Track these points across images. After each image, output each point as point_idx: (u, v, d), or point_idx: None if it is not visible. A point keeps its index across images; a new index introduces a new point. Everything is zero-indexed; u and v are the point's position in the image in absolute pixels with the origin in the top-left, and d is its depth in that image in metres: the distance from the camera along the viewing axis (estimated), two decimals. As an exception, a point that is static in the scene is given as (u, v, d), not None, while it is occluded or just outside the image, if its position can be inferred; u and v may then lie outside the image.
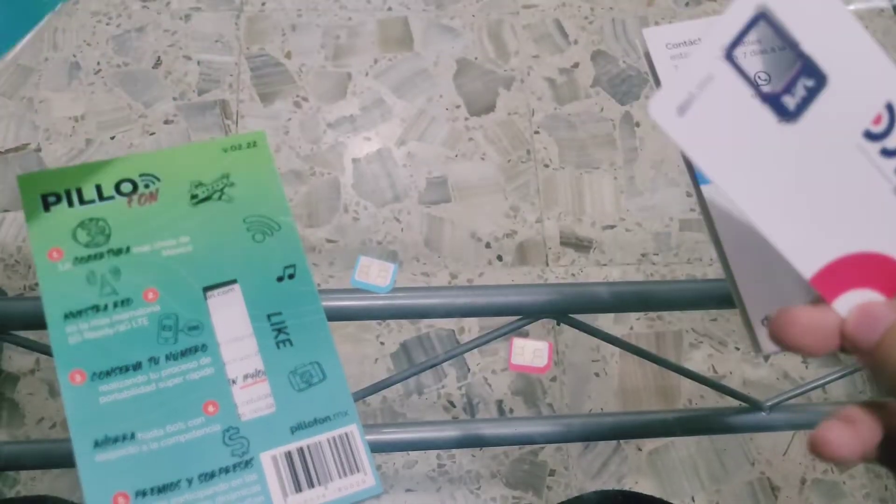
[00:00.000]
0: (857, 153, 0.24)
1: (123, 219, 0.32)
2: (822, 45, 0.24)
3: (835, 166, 0.24)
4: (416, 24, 1.33)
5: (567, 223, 1.22)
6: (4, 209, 1.14)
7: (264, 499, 0.28)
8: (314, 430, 0.30)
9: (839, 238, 0.24)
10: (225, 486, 0.28)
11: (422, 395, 1.10)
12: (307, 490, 0.29)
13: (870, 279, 0.24)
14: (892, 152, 0.24)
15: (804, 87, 0.24)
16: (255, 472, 0.29)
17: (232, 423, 0.29)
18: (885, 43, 1.40)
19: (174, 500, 0.28)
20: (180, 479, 0.28)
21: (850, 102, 0.24)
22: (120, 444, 0.28)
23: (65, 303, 0.30)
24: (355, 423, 0.30)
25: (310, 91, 1.26)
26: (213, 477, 0.28)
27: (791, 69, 0.24)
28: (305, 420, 0.30)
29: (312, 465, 0.29)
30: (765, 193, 0.24)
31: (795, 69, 0.24)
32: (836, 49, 0.24)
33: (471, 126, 1.27)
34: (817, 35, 0.24)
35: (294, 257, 0.33)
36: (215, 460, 0.29)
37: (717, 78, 0.24)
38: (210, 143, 0.35)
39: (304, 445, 0.30)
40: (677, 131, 0.23)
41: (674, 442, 1.11)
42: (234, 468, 0.29)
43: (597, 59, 1.34)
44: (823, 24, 0.24)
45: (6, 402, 1.05)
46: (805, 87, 0.24)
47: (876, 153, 0.24)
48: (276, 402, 0.30)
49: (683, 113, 0.23)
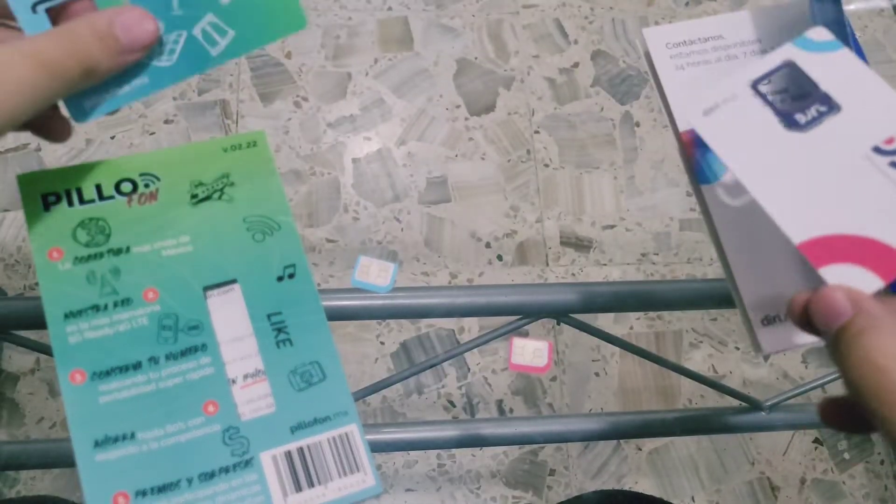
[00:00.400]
0: (865, 161, 0.29)
1: (123, 218, 0.32)
2: (838, 88, 0.30)
3: (839, 168, 0.29)
4: (416, 24, 1.33)
5: (567, 223, 1.22)
6: (4, 209, 1.14)
7: (264, 498, 0.28)
8: (314, 429, 0.30)
9: (837, 219, 0.28)
10: (225, 485, 0.28)
11: (422, 395, 1.10)
12: (307, 490, 0.29)
13: (866, 260, 0.27)
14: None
15: (816, 110, 0.30)
16: (255, 472, 0.29)
17: (232, 423, 0.29)
18: (884, 42, 1.40)
19: (174, 500, 0.28)
20: (180, 479, 0.28)
21: (859, 126, 0.29)
22: (120, 444, 0.28)
23: (65, 302, 0.30)
24: (355, 423, 0.30)
25: (310, 91, 1.26)
26: (213, 477, 0.28)
27: (807, 99, 0.30)
28: (305, 420, 0.30)
29: (312, 464, 0.29)
30: (765, 175, 0.29)
31: (811, 99, 0.30)
32: (851, 90, 0.30)
33: (471, 126, 1.27)
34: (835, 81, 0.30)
35: (294, 257, 0.33)
36: (215, 460, 0.29)
37: (740, 97, 0.31)
38: (210, 142, 0.35)
39: (303, 445, 0.30)
40: (703, 128, 0.30)
41: (674, 442, 1.12)
42: (234, 468, 0.29)
43: (597, 58, 1.34)
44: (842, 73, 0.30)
45: (6, 401, 1.05)
46: (817, 110, 0.30)
47: (885, 164, 0.28)
48: (276, 402, 0.30)
49: (708, 114, 0.31)
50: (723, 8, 1.41)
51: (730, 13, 0.42)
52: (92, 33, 0.28)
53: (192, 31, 0.30)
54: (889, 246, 0.27)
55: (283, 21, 0.30)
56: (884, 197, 0.28)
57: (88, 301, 0.31)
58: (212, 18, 0.30)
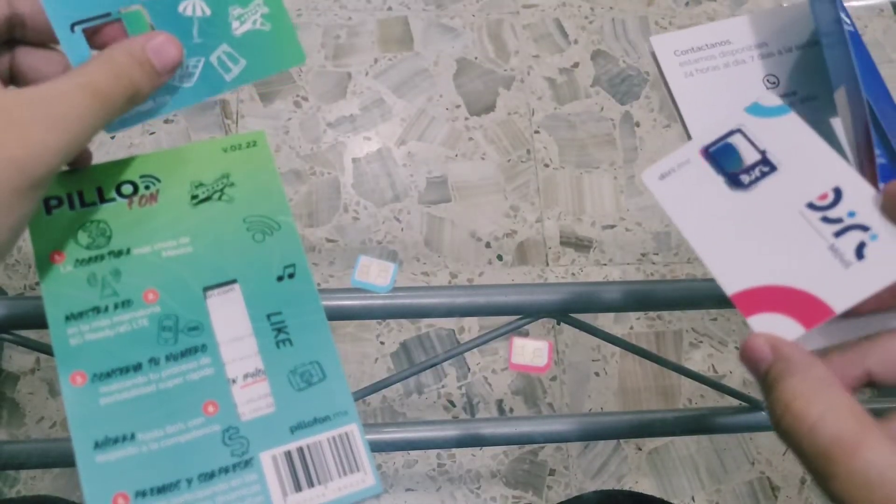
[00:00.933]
0: (799, 217, 0.31)
1: (124, 220, 0.32)
2: (782, 149, 0.33)
3: (775, 224, 0.32)
4: (416, 24, 1.33)
5: (567, 223, 1.22)
6: (4, 209, 1.14)
7: (264, 498, 0.28)
8: (314, 429, 0.30)
9: (767, 271, 0.30)
10: (225, 485, 0.28)
11: (422, 395, 1.11)
12: (307, 489, 0.29)
13: (791, 309, 0.29)
14: (832, 220, 0.31)
15: (759, 170, 0.33)
16: (254, 472, 0.29)
17: (232, 423, 0.29)
18: (884, 42, 1.40)
19: (174, 501, 0.28)
20: (180, 480, 0.28)
21: (797, 183, 0.33)
22: (120, 445, 0.28)
23: (66, 305, 0.30)
24: (355, 423, 0.30)
25: (310, 91, 1.26)
26: (213, 477, 0.28)
27: (752, 160, 0.34)
28: (305, 419, 0.30)
29: (312, 464, 0.29)
30: (708, 232, 0.32)
31: (755, 160, 0.33)
32: (793, 151, 0.33)
33: (471, 126, 1.27)
34: (780, 143, 0.33)
35: (294, 257, 0.33)
36: (215, 460, 0.29)
37: (692, 162, 0.34)
38: (210, 142, 0.35)
39: (303, 445, 0.30)
40: (658, 191, 0.34)
41: (674, 441, 1.12)
42: (233, 468, 0.29)
43: (597, 58, 1.34)
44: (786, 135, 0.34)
45: (6, 401, 1.05)
46: (760, 170, 0.33)
47: (816, 219, 0.31)
48: (276, 402, 0.30)
49: (663, 178, 0.34)
50: (723, 7, 1.41)
51: (735, 17, 0.42)
52: (131, 60, 0.29)
53: (210, 59, 0.33)
54: (812, 295, 0.29)
55: (285, 55, 0.34)
56: (811, 250, 0.30)
57: (89, 303, 0.31)
58: (226, 48, 0.33)
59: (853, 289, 0.29)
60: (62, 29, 0.30)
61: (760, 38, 0.42)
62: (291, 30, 0.34)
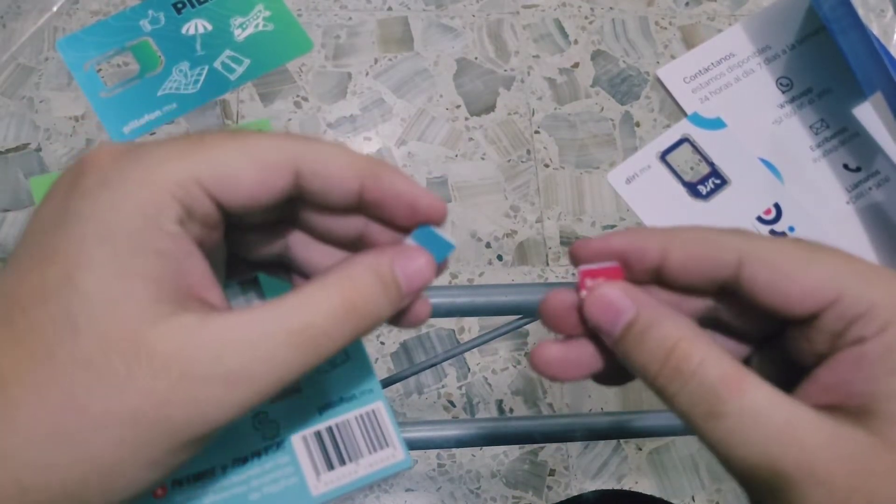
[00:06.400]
0: (752, 228, 0.35)
1: None
2: (726, 163, 0.37)
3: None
4: (416, 24, 1.33)
5: (567, 223, 1.22)
6: (5, 209, 1.14)
7: (298, 479, 0.29)
8: (341, 409, 0.30)
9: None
10: (258, 469, 0.29)
11: (422, 395, 1.11)
12: (339, 468, 0.29)
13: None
14: (778, 234, 0.35)
15: (713, 183, 0.37)
16: (286, 454, 0.29)
17: (260, 408, 0.30)
18: (884, 43, 1.40)
19: (210, 487, 0.28)
20: (215, 467, 0.28)
21: (745, 198, 0.36)
22: None
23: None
24: (381, 400, 0.31)
25: (310, 91, 1.26)
26: (247, 462, 0.29)
27: (704, 172, 0.37)
28: (332, 400, 0.30)
29: (342, 443, 0.30)
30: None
31: (707, 172, 0.37)
32: (735, 166, 0.37)
33: (471, 126, 1.27)
34: (723, 157, 0.37)
35: None
36: (247, 445, 0.29)
37: (653, 168, 0.37)
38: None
39: (332, 424, 0.30)
40: (626, 193, 0.37)
41: (674, 442, 1.12)
42: (265, 451, 0.29)
43: (597, 58, 1.34)
44: (727, 151, 0.37)
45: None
46: (714, 183, 0.37)
47: (766, 232, 0.34)
48: (302, 385, 0.30)
49: (630, 182, 0.37)
50: (723, 7, 1.41)
51: (731, 28, 0.42)
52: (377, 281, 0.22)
53: (213, 65, 0.34)
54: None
55: (292, 46, 0.35)
56: None
57: None
58: (229, 53, 0.34)
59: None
60: (77, 70, 0.31)
61: (761, 43, 0.42)
62: (296, 24, 0.34)
